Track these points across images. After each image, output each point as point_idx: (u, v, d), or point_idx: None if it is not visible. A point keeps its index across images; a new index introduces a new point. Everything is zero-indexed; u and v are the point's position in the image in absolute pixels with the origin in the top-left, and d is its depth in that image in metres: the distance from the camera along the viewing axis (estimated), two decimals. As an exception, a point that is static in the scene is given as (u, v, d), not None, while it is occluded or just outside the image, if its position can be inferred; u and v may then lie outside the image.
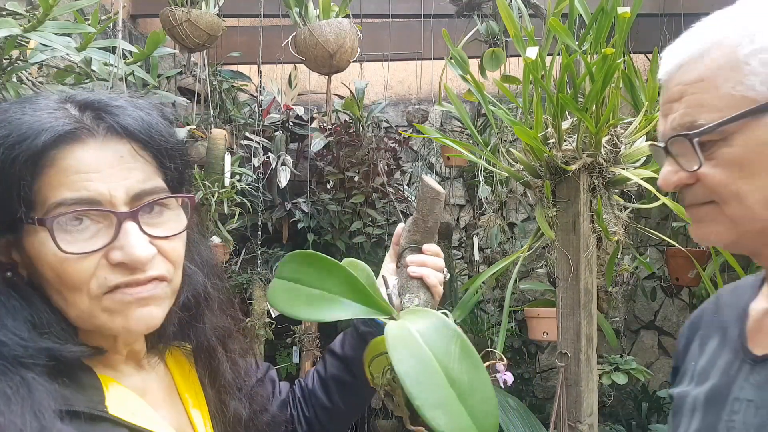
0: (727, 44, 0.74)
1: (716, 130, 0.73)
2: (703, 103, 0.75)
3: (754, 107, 0.72)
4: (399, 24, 3.80)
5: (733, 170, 0.74)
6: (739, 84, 0.73)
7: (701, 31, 0.78)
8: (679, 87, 0.78)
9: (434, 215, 1.02)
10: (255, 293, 3.45)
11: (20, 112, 0.70)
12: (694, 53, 0.77)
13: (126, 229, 0.72)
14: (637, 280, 3.97)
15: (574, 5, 1.95)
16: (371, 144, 3.66)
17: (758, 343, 0.82)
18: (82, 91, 0.76)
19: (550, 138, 1.97)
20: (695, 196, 0.80)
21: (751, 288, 0.91)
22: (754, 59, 0.72)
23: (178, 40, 2.77)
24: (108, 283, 0.72)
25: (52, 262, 0.71)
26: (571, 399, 1.96)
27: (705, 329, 0.95)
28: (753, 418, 0.77)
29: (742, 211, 0.75)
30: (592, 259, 1.96)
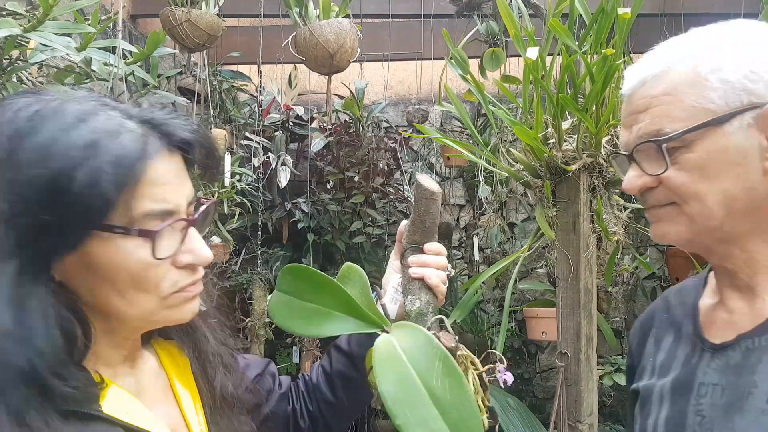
0: (688, 64, 0.85)
1: (681, 137, 0.83)
2: (669, 113, 0.85)
3: (714, 118, 0.82)
4: (399, 24, 3.80)
5: (694, 173, 0.84)
6: (701, 97, 0.83)
7: (662, 53, 0.90)
8: (645, 100, 0.88)
9: (431, 215, 1.00)
10: (255, 293, 3.45)
11: (92, 131, 0.73)
12: (656, 71, 0.88)
13: (191, 234, 0.81)
14: (637, 280, 3.97)
15: (575, 6, 1.95)
16: (371, 144, 3.66)
17: (714, 334, 0.92)
18: (136, 107, 0.80)
19: (550, 138, 1.97)
20: (657, 198, 0.90)
21: (695, 288, 1.02)
22: (712, 76, 0.83)
23: (178, 40, 2.76)
24: (179, 284, 0.80)
25: (133, 268, 0.75)
26: (571, 399, 1.96)
27: (658, 328, 1.05)
28: (720, 400, 0.86)
29: (700, 209, 0.85)
30: (592, 259, 1.96)
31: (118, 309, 0.78)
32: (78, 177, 0.69)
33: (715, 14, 3.60)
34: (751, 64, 0.82)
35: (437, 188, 0.99)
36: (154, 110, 0.81)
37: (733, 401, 0.84)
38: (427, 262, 1.02)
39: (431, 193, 0.98)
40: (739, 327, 0.89)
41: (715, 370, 0.88)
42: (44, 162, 0.70)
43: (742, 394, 0.83)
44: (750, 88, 0.82)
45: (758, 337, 0.86)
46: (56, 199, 0.70)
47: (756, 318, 0.88)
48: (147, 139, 0.76)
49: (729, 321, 0.91)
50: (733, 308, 0.92)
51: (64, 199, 0.70)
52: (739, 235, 0.87)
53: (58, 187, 0.70)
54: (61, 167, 0.70)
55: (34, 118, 0.73)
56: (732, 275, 0.91)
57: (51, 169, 0.69)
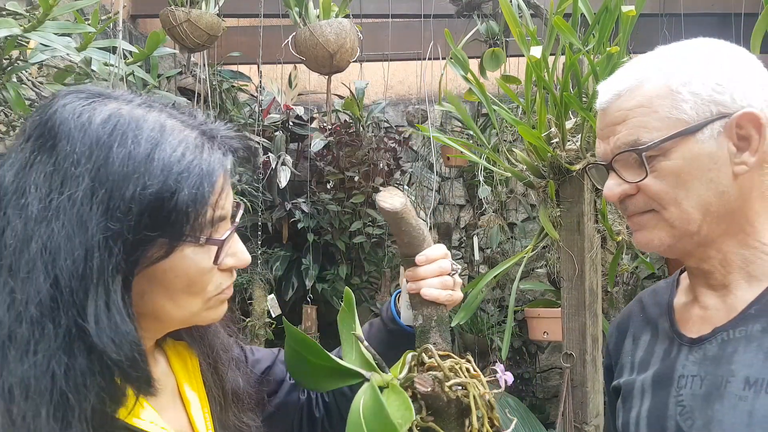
0: (660, 78, 0.92)
1: (659, 146, 0.90)
2: (645, 124, 0.91)
3: (687, 127, 0.89)
4: (399, 24, 3.79)
5: (670, 180, 0.90)
6: (674, 109, 0.90)
7: (633, 69, 0.96)
8: (621, 112, 0.93)
9: (406, 232, 0.95)
10: (255, 293, 3.44)
11: (179, 145, 0.75)
12: (630, 85, 0.94)
13: (235, 238, 0.84)
14: (638, 280, 3.97)
15: (578, 5, 1.94)
16: (371, 144, 3.66)
17: (690, 329, 0.98)
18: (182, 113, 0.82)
19: (553, 138, 1.96)
20: (636, 206, 0.95)
21: (668, 288, 1.09)
22: (684, 89, 0.89)
23: (178, 40, 2.75)
24: (222, 286, 0.83)
25: (192, 274, 0.79)
26: (576, 400, 1.95)
27: (635, 328, 1.11)
28: (699, 389, 0.92)
29: (679, 214, 0.91)
30: (597, 259, 1.96)
31: (164, 311, 0.80)
32: (181, 193, 0.73)
33: (715, 14, 3.60)
34: (716, 78, 0.90)
35: (399, 204, 0.92)
36: (206, 120, 0.83)
37: (712, 390, 0.90)
38: (420, 275, 0.97)
39: (393, 213, 0.92)
40: (714, 321, 0.95)
41: (693, 362, 0.94)
42: (144, 178, 0.72)
43: (721, 382, 0.90)
44: (717, 99, 0.89)
45: (733, 329, 0.92)
46: (159, 214, 0.72)
47: (730, 312, 0.94)
48: (217, 150, 0.79)
49: (704, 316, 0.97)
50: (707, 305, 0.98)
51: (166, 215, 0.73)
52: (716, 237, 0.93)
53: (162, 204, 0.72)
54: (163, 184, 0.72)
55: (112, 127, 0.73)
56: (707, 275, 0.97)
57: (154, 185, 0.72)
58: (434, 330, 0.96)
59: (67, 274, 0.69)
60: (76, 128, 0.73)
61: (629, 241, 2.00)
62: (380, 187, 3.67)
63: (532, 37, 2.01)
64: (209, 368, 0.93)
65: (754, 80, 0.91)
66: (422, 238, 0.97)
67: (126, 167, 0.72)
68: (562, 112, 1.88)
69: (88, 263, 0.70)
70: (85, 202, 0.70)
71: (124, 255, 0.72)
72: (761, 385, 0.86)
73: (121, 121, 0.74)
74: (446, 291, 0.97)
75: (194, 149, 0.76)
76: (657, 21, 3.51)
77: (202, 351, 0.94)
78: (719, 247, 0.94)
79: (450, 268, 0.99)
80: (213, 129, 0.82)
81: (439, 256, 0.98)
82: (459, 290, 1.01)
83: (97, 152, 0.72)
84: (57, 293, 0.69)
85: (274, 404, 1.06)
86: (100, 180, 0.71)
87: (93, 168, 0.71)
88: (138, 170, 0.72)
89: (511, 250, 4.07)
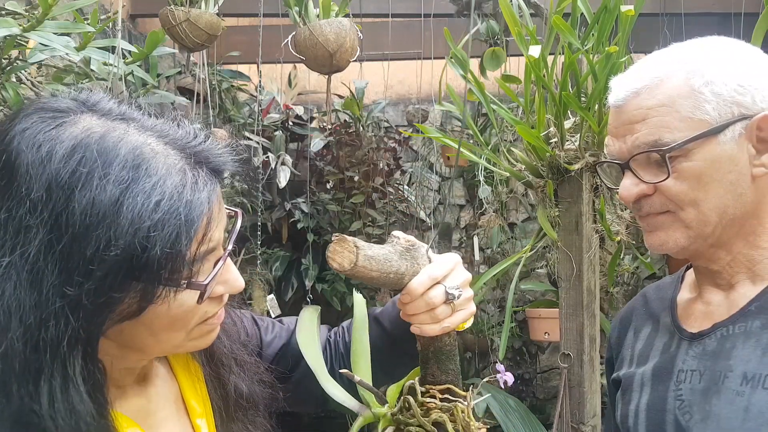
0: (681, 76, 0.90)
1: (682, 147, 0.88)
2: (666, 124, 0.89)
3: (711, 128, 0.88)
4: (399, 24, 3.79)
5: (691, 181, 0.89)
6: (696, 109, 0.89)
7: (652, 66, 0.94)
8: (641, 110, 0.92)
9: (372, 281, 0.82)
10: (255, 293, 3.44)
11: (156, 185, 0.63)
12: (649, 83, 0.92)
13: (227, 264, 0.74)
14: (638, 281, 3.96)
15: (577, 4, 1.94)
16: (371, 144, 3.65)
17: (691, 324, 0.99)
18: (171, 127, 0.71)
19: (552, 137, 1.96)
20: (653, 206, 0.94)
21: (673, 284, 1.09)
22: (706, 89, 0.88)
23: (178, 40, 2.75)
24: (207, 315, 0.75)
25: (174, 315, 0.69)
26: (574, 400, 1.95)
27: (637, 321, 1.11)
28: (698, 384, 0.92)
29: (696, 216, 0.91)
30: (595, 259, 1.95)
31: (145, 345, 0.73)
32: (152, 251, 0.61)
33: (715, 14, 3.59)
34: (738, 79, 0.89)
35: (348, 264, 0.78)
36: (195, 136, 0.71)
37: (710, 385, 0.91)
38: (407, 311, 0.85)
39: (343, 272, 0.79)
40: (715, 317, 0.96)
41: (693, 357, 0.95)
42: (110, 233, 0.60)
43: (719, 377, 0.91)
44: (739, 100, 0.88)
45: (732, 325, 0.93)
46: (126, 275, 0.62)
47: (731, 308, 0.95)
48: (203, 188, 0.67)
49: (706, 312, 0.99)
50: (711, 301, 0.99)
51: (136, 275, 0.62)
52: (728, 239, 0.93)
53: (130, 264, 0.61)
54: (131, 242, 0.60)
55: (76, 164, 0.61)
56: (715, 275, 0.98)
57: (120, 244, 0.60)
58: (432, 361, 0.89)
59: (18, 346, 0.59)
60: (34, 164, 0.60)
61: (628, 241, 2.00)
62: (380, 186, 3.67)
63: (531, 36, 2.01)
64: (211, 375, 0.87)
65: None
66: (398, 277, 0.82)
67: (88, 217, 0.60)
68: (561, 111, 1.88)
69: (41, 333, 0.59)
70: (39, 259, 0.59)
71: (84, 322, 0.61)
72: (758, 381, 0.87)
73: (87, 155, 0.61)
74: (440, 324, 0.84)
75: (173, 191, 0.63)
76: (657, 21, 3.50)
77: (202, 357, 0.88)
78: (730, 248, 0.94)
79: (444, 297, 0.84)
80: (203, 150, 0.70)
81: (425, 287, 0.83)
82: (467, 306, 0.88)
83: (57, 196, 0.60)
84: (7, 368, 0.59)
85: (294, 380, 0.99)
86: (58, 232, 0.60)
87: (50, 217, 0.60)
88: (103, 222, 0.60)
89: (512, 250, 4.06)
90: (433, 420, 0.84)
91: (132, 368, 0.78)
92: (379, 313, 1.02)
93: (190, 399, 0.85)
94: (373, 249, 0.81)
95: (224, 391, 0.87)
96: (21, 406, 0.60)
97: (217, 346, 0.87)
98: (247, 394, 0.88)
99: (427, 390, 0.88)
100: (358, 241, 0.79)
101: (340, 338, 1.06)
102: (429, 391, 0.88)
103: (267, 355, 1.00)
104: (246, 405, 0.88)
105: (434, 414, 0.85)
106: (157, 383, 0.83)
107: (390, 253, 0.82)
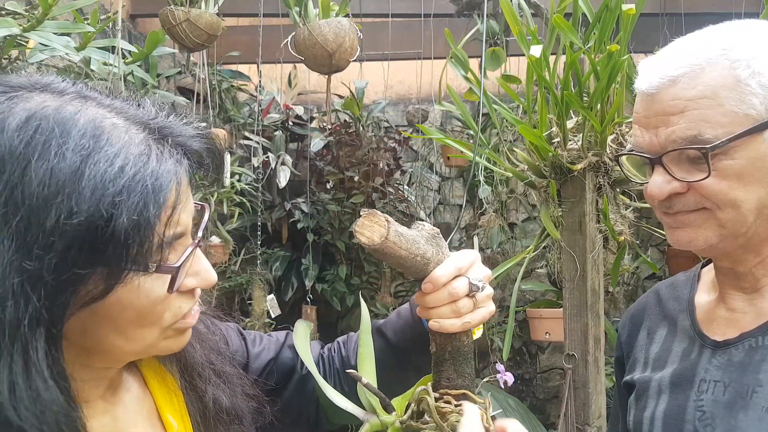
0: (725, 65, 0.81)
1: (726, 145, 0.80)
2: (708, 118, 0.81)
3: (757, 125, 0.80)
4: (399, 24, 3.79)
5: (732, 180, 0.82)
6: (742, 103, 0.80)
7: (690, 51, 0.85)
8: (679, 102, 0.83)
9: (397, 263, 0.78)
10: (254, 293, 3.44)
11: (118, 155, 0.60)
12: (688, 71, 0.83)
13: (198, 255, 0.70)
14: (638, 280, 3.96)
15: (578, 4, 1.94)
16: (371, 144, 3.65)
17: (715, 331, 0.93)
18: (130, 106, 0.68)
19: (554, 137, 1.95)
20: (686, 204, 0.86)
21: (689, 283, 1.03)
22: (753, 81, 0.80)
23: (178, 40, 2.74)
24: (182, 311, 0.70)
25: (142, 305, 0.65)
26: (579, 401, 1.94)
27: (650, 321, 1.04)
28: (722, 396, 0.86)
29: (735, 216, 0.84)
30: (599, 259, 1.95)
31: (113, 346, 0.67)
32: (119, 220, 0.58)
33: (715, 14, 3.59)
34: None
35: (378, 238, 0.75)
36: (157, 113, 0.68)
37: (737, 399, 0.85)
38: (427, 303, 0.81)
39: (372, 248, 0.75)
40: (741, 325, 0.90)
41: (716, 367, 0.89)
42: (71, 202, 0.56)
43: (746, 392, 0.84)
44: None
45: (762, 336, 0.87)
46: (91, 248, 0.58)
47: (760, 317, 0.89)
48: (169, 158, 0.64)
49: (730, 319, 0.92)
50: (734, 307, 0.92)
51: (101, 248, 0.58)
52: (759, 241, 0.87)
53: (94, 234, 0.57)
54: (95, 209, 0.57)
55: (31, 134, 0.58)
56: (740, 277, 0.91)
57: (83, 212, 0.57)
58: (448, 363, 0.82)
59: None
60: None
61: (631, 241, 2.00)
62: (380, 186, 3.67)
63: (532, 36, 2.00)
64: (187, 387, 0.81)
65: None
66: (424, 261, 0.79)
67: (47, 188, 0.56)
68: (563, 111, 1.88)
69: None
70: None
71: (47, 301, 0.57)
72: None
73: (42, 124, 0.58)
74: (461, 319, 0.80)
75: (137, 159, 0.60)
76: (657, 20, 3.50)
77: (176, 367, 0.82)
78: (760, 250, 0.88)
79: (467, 288, 0.80)
80: (166, 126, 0.66)
81: (449, 277, 0.79)
82: (487, 304, 0.84)
83: (11, 167, 0.57)
84: None
85: (285, 398, 0.94)
86: (14, 204, 0.56)
87: (5, 189, 0.56)
88: (62, 191, 0.56)
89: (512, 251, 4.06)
90: (451, 425, 0.77)
91: (98, 379, 0.72)
92: (381, 325, 0.98)
93: (167, 414, 0.78)
94: (403, 228, 0.78)
95: (202, 403, 0.81)
96: None
97: (190, 354, 0.81)
98: (228, 407, 0.82)
99: (441, 396, 0.81)
100: (389, 217, 0.76)
101: (335, 353, 1.02)
102: (443, 396, 0.81)
103: (254, 368, 0.95)
104: (228, 419, 0.82)
105: (452, 417, 0.77)
106: (126, 399, 0.76)
107: (417, 236, 0.80)
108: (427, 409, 0.79)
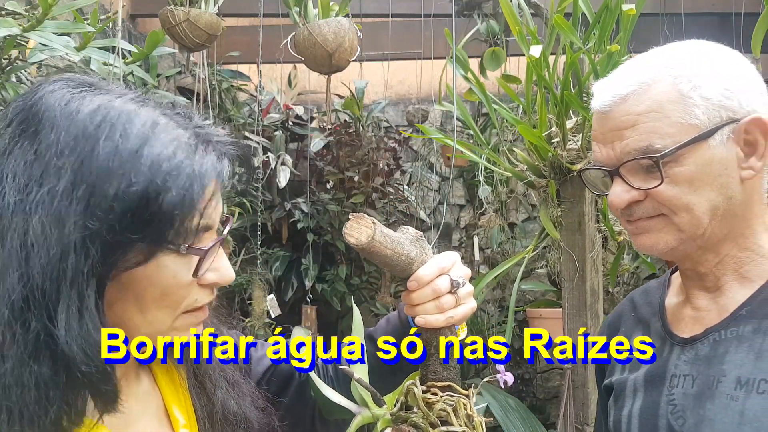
0: (669, 81, 0.90)
1: (675, 153, 0.88)
2: (657, 130, 0.89)
3: (701, 133, 0.89)
4: (399, 24, 3.79)
5: (683, 185, 0.90)
6: (686, 114, 0.89)
7: (636, 71, 0.93)
8: (630, 116, 0.91)
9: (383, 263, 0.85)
10: (254, 293, 3.44)
11: (170, 143, 0.71)
12: (636, 89, 0.91)
13: (219, 253, 0.78)
14: (638, 280, 3.96)
15: (578, 4, 1.94)
16: (371, 144, 3.65)
17: (683, 329, 0.99)
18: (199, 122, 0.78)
19: (554, 137, 1.96)
20: (645, 211, 0.94)
21: (660, 288, 1.10)
22: (694, 93, 0.89)
23: (178, 40, 2.74)
24: (197, 303, 0.77)
25: (168, 285, 0.73)
26: (578, 401, 1.95)
27: (626, 326, 1.11)
28: (691, 389, 0.93)
29: (689, 219, 0.91)
30: (598, 259, 1.95)
31: (131, 323, 0.74)
32: (168, 194, 0.68)
33: (715, 14, 3.59)
34: (725, 83, 0.90)
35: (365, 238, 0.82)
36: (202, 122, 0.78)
37: (704, 389, 0.91)
38: (412, 300, 0.87)
39: (360, 248, 0.82)
40: (706, 322, 0.96)
41: (685, 362, 0.96)
42: (130, 175, 0.67)
43: (712, 382, 0.91)
44: (726, 104, 0.89)
45: (724, 330, 0.93)
46: (142, 215, 0.67)
47: (722, 313, 0.95)
48: (212, 153, 0.74)
49: (696, 317, 0.99)
50: (699, 306, 0.99)
51: (150, 216, 0.68)
52: (717, 241, 0.94)
53: (147, 204, 0.67)
54: (150, 182, 0.67)
55: (101, 119, 0.69)
56: (702, 277, 0.98)
57: (140, 183, 0.67)
58: (434, 357, 0.88)
59: (40, 273, 0.65)
60: (62, 116, 0.68)
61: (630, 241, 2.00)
62: (380, 186, 3.67)
63: (532, 36, 2.00)
64: (195, 386, 0.86)
65: (754, 86, 0.92)
66: (408, 261, 0.86)
67: (111, 162, 0.67)
68: (563, 111, 1.88)
69: (62, 263, 0.65)
70: (64, 196, 0.66)
71: (101, 257, 0.67)
72: (752, 385, 0.87)
73: (111, 113, 0.70)
74: (444, 314, 0.86)
75: (186, 149, 0.71)
76: (657, 21, 3.50)
77: (187, 367, 0.87)
78: (718, 250, 0.95)
79: (449, 285, 0.87)
80: (209, 132, 0.77)
81: (432, 276, 0.86)
82: (468, 301, 0.90)
83: (82, 144, 0.67)
84: (29, 294, 0.65)
85: (285, 405, 0.98)
86: (82, 174, 0.66)
87: (76, 161, 0.67)
88: (124, 166, 0.67)
89: (512, 250, 4.06)
90: (437, 414, 0.83)
91: None
92: (372, 332, 1.03)
93: (173, 409, 0.83)
94: (389, 230, 0.86)
95: (209, 402, 0.86)
96: (38, 331, 0.65)
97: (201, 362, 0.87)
98: (236, 411, 0.87)
99: (428, 388, 0.88)
100: (375, 219, 0.84)
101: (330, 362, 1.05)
102: (430, 389, 0.87)
103: (255, 373, 1.00)
104: (235, 421, 0.87)
105: (438, 406, 0.84)
106: (136, 391, 0.81)
107: (402, 238, 0.87)
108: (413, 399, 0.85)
